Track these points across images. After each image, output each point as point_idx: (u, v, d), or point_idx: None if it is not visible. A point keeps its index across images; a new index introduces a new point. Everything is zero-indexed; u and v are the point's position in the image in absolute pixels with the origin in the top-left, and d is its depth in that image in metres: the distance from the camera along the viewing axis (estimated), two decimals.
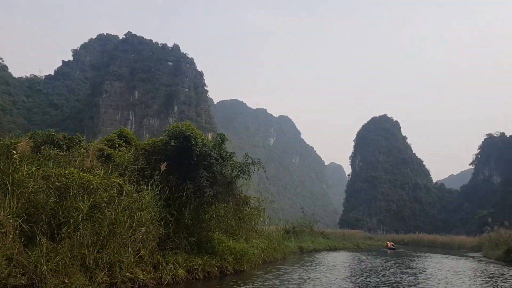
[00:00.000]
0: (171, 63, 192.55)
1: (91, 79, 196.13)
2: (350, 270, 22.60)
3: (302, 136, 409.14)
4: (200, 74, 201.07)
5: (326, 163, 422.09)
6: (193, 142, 13.37)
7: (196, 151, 13.43)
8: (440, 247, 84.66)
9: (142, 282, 11.04)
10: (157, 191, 12.84)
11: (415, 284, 16.68)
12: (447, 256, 47.48)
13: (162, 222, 12.63)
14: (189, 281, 12.93)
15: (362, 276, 18.71)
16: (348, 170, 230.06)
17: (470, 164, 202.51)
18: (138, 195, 11.82)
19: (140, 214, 11.23)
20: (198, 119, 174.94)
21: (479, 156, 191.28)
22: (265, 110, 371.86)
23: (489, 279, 20.24)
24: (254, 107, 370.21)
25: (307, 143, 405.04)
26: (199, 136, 13.91)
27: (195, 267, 13.32)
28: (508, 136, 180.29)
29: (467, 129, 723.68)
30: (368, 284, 16.11)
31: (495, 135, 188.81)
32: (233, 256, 15.91)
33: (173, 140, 13.65)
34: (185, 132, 13.47)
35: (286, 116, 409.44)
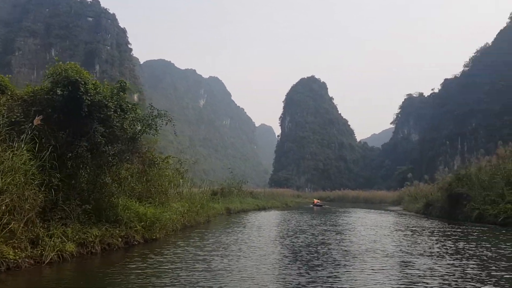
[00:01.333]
0: (90, 19, 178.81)
1: (1, 35, 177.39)
2: (276, 230, 21.54)
3: (233, 98, 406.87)
4: (123, 31, 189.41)
5: (257, 125, 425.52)
6: (82, 89, 10.87)
7: (87, 101, 10.96)
8: (363, 202, 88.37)
9: (13, 262, 8.76)
10: (34, 149, 10.34)
11: (341, 242, 15.81)
12: (370, 210, 48.90)
13: (43, 188, 10.20)
14: (82, 257, 10.79)
15: (289, 237, 17.58)
16: (278, 131, 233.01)
17: (391, 123, 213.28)
18: (3, 154, 9.28)
19: (1, 178, 8.79)
20: (122, 79, 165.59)
21: (399, 115, 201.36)
22: (194, 70, 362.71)
23: (411, 233, 20.09)
24: (183, 68, 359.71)
25: (237, 104, 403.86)
26: (91, 82, 11.38)
27: (90, 239, 11.14)
28: (426, 96, 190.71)
29: (389, 90, 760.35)
30: (294, 244, 14.94)
31: (414, 96, 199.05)
32: (142, 223, 13.91)
33: (59, 88, 11.04)
34: (71, 76, 10.89)
35: (216, 77, 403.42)
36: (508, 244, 16.21)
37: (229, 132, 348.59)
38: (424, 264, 11.12)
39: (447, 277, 9.55)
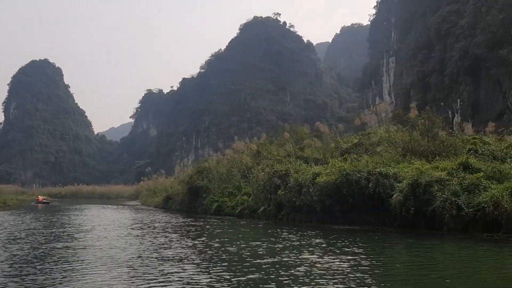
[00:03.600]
0: None
1: None
2: None
3: None
4: None
5: None
6: None
7: None
8: (99, 197, 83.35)
9: None
10: None
11: (63, 251, 12.17)
12: (106, 206, 45.18)
13: None
14: None
15: None
16: (1, 118, 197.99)
17: (130, 117, 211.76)
18: None
19: None
20: None
21: (139, 110, 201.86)
22: None
23: (149, 230, 17.89)
24: None
25: None
26: None
27: None
28: (165, 92, 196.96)
29: (130, 84, 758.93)
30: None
31: (154, 91, 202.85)
32: None
33: None
34: None
35: None
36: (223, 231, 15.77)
37: None
38: (166, 270, 8.88)
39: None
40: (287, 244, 13.50)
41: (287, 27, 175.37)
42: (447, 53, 59.67)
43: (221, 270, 9.19)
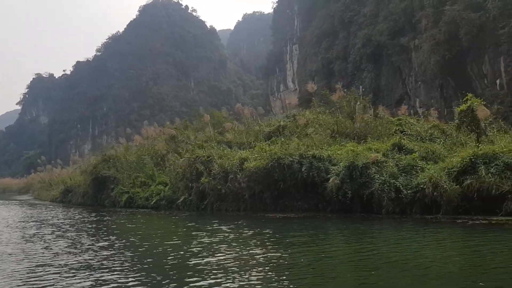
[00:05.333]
0: None
1: None
2: None
3: None
4: None
5: None
6: None
7: None
8: None
9: None
10: None
11: None
12: None
13: None
14: None
15: None
16: None
17: (17, 104, 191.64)
18: None
19: None
20: None
21: (27, 96, 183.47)
22: None
23: (52, 231, 14.99)
24: None
25: None
26: None
27: None
28: (56, 77, 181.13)
29: (15, 68, 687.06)
30: None
31: (44, 76, 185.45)
32: None
33: None
34: None
35: None
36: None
37: None
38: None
39: None
40: (223, 238, 11.81)
41: (189, 11, 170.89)
42: (350, 40, 61.65)
43: (154, 278, 7.24)
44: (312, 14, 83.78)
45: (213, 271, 7.52)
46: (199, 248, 10.18)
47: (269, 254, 9.31)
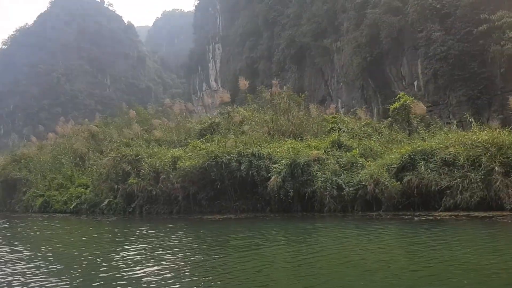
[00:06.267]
0: None
1: None
2: None
3: None
4: None
5: None
6: None
7: None
8: None
9: None
10: None
11: None
12: None
13: None
14: None
15: None
16: None
17: None
18: None
19: None
20: None
21: None
22: None
23: None
24: None
25: None
26: None
27: None
28: None
29: None
30: None
31: None
32: None
33: None
34: None
35: None
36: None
37: None
38: None
39: None
40: (158, 244, 10.65)
41: (105, 5, 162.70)
42: (274, 40, 62.02)
43: None
44: (235, 13, 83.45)
45: (151, 284, 6.46)
46: (132, 257, 8.96)
47: (212, 259, 8.40)
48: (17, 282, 7.18)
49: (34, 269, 8.27)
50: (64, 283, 7.07)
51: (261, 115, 20.85)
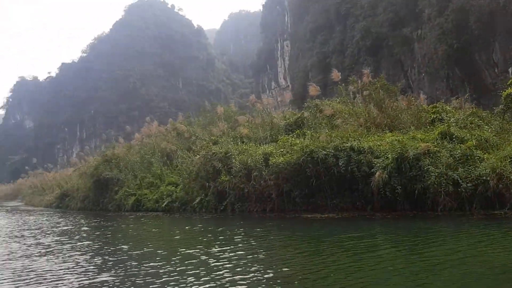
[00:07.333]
0: None
1: None
2: None
3: None
4: None
5: None
6: None
7: None
8: None
9: None
10: None
11: None
12: None
13: None
14: None
15: None
16: None
17: (0, 108, 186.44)
18: None
19: None
20: None
21: (10, 99, 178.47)
22: None
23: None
24: None
25: None
26: None
27: None
28: (41, 80, 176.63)
29: None
30: None
31: (28, 79, 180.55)
32: None
33: None
34: None
35: None
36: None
37: None
38: None
39: None
40: (268, 243, 9.96)
41: (175, 10, 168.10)
42: (347, 33, 60.07)
43: None
44: (304, 9, 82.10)
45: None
46: (244, 255, 8.37)
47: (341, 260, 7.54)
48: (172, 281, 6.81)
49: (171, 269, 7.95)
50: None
51: (353, 107, 19.71)
